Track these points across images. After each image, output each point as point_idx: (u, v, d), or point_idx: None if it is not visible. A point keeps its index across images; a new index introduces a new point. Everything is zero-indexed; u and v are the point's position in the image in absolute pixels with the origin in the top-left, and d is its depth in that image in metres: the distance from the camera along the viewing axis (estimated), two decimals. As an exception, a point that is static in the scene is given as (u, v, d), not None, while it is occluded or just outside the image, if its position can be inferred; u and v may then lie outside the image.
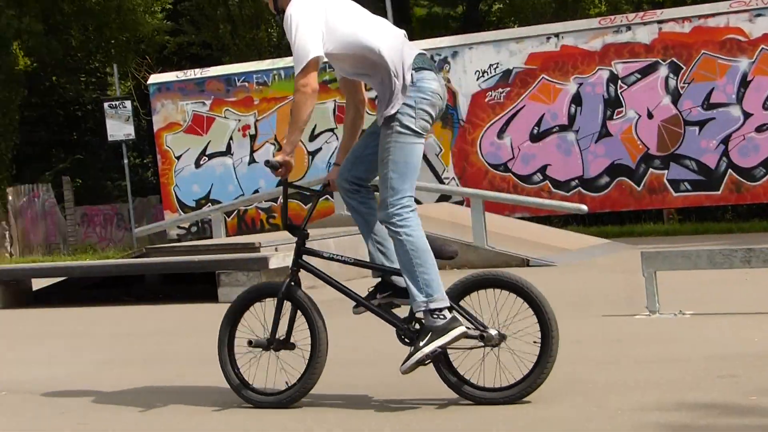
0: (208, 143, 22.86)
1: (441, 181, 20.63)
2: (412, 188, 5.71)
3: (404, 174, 5.68)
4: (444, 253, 5.82)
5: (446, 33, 29.75)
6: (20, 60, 28.99)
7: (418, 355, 5.53)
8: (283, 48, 27.58)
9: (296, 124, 5.65)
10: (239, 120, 22.65)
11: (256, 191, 21.95)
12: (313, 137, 21.91)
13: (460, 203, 18.76)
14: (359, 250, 14.09)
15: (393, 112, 5.65)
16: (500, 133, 20.45)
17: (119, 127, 24.93)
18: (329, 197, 19.91)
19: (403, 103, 5.67)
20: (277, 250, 12.39)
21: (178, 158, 23.08)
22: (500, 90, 20.54)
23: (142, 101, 30.79)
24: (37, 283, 13.57)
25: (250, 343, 5.93)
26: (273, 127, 22.34)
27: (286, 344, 5.91)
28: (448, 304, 5.58)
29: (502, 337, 5.59)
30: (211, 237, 18.73)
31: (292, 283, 5.90)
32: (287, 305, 5.90)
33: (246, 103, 22.64)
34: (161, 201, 23.86)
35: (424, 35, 28.33)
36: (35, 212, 27.85)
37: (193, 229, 22.94)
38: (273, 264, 11.82)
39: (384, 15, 25.43)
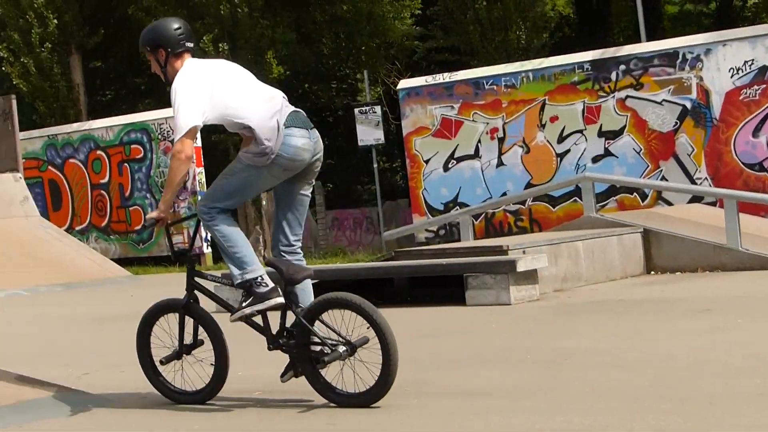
0: (456, 147, 22.95)
1: (693, 182, 20.12)
2: (232, 205, 6.64)
3: (231, 194, 6.55)
4: (293, 280, 6.35)
5: (699, 30, 29.10)
6: (274, 69, 29.72)
7: (239, 313, 6.45)
8: (531, 50, 27.46)
9: (170, 186, 6.48)
10: (487, 123, 22.62)
11: (504, 194, 21.89)
12: (561, 139, 21.70)
13: (713, 204, 18.23)
14: (608, 253, 13.90)
15: (261, 165, 6.37)
16: (756, 132, 19.78)
17: (369, 132, 25.35)
18: (578, 199, 19.75)
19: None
20: (525, 253, 12.30)
21: (426, 162, 23.24)
22: (756, 87, 19.86)
23: (391, 106, 31.17)
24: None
25: (162, 362, 6.75)
26: (521, 129, 22.22)
27: (195, 344, 6.79)
28: (262, 273, 6.41)
29: (353, 350, 6.24)
30: (459, 240, 18.77)
31: (191, 300, 6.77)
32: (189, 320, 6.79)
33: (494, 106, 22.61)
34: (410, 204, 24.07)
35: (675, 33, 27.78)
36: (288, 216, 28.48)
37: (441, 232, 23.03)
38: (521, 267, 11.73)
39: (634, 14, 25.01)
